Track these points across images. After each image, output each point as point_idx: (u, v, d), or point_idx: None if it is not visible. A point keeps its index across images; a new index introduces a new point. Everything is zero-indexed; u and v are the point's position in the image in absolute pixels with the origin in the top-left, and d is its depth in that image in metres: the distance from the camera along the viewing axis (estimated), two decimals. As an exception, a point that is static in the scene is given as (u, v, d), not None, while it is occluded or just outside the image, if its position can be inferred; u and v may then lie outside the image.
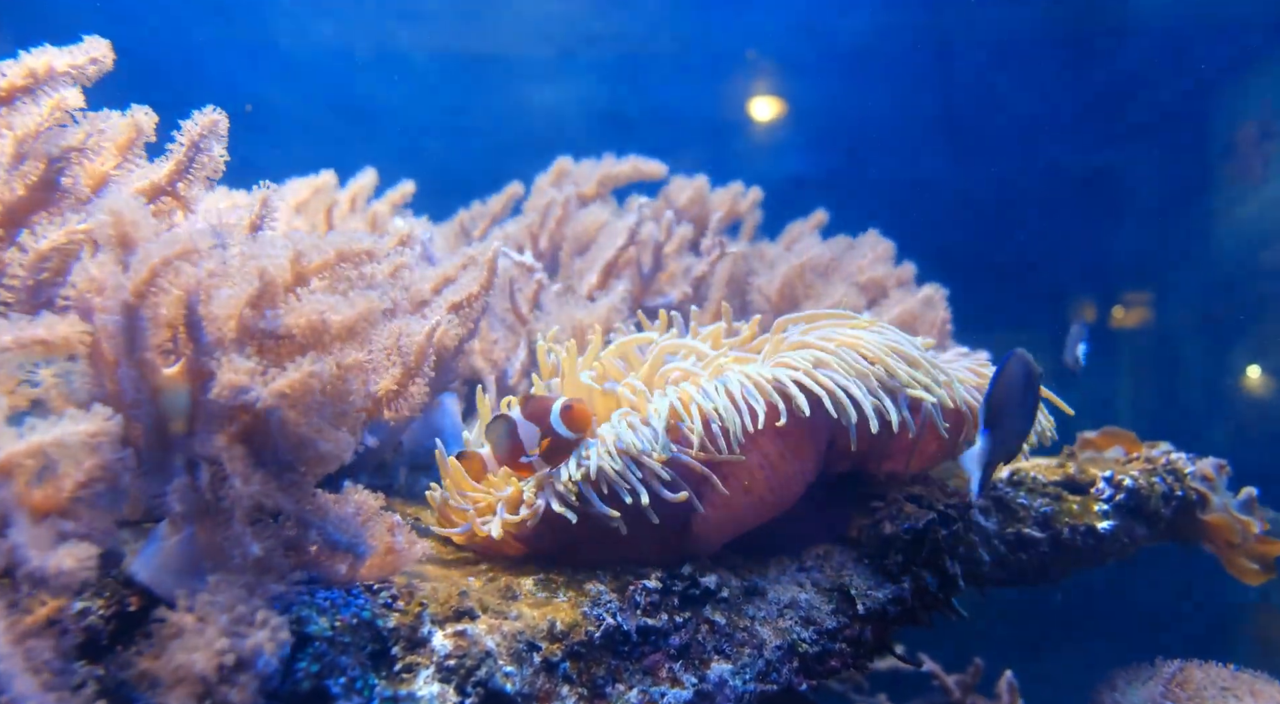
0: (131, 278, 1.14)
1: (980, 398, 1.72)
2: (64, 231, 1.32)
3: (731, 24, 5.56)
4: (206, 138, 1.51)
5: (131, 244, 1.20)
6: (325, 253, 1.27)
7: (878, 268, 3.03)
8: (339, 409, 1.22)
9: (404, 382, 1.67)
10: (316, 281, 1.26)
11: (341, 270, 1.29)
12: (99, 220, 1.20)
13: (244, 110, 5.17)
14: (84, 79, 1.41)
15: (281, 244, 1.24)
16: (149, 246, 1.16)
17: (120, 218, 1.19)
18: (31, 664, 0.94)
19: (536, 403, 1.62)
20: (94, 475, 1.06)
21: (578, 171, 3.19)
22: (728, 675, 1.49)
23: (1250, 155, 4.88)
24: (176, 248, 1.16)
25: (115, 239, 1.19)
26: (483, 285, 1.95)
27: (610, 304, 2.37)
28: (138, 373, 1.17)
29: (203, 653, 1.06)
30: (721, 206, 3.20)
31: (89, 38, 1.42)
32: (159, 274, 1.15)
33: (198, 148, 1.51)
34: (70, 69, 1.38)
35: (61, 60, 1.38)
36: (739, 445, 1.58)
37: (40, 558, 0.96)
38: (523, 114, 5.62)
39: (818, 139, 5.61)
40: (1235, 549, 2.26)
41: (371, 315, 1.23)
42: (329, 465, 1.23)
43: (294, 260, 1.23)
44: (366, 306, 1.23)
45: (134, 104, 1.50)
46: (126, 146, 1.47)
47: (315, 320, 1.20)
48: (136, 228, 1.20)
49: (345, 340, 1.22)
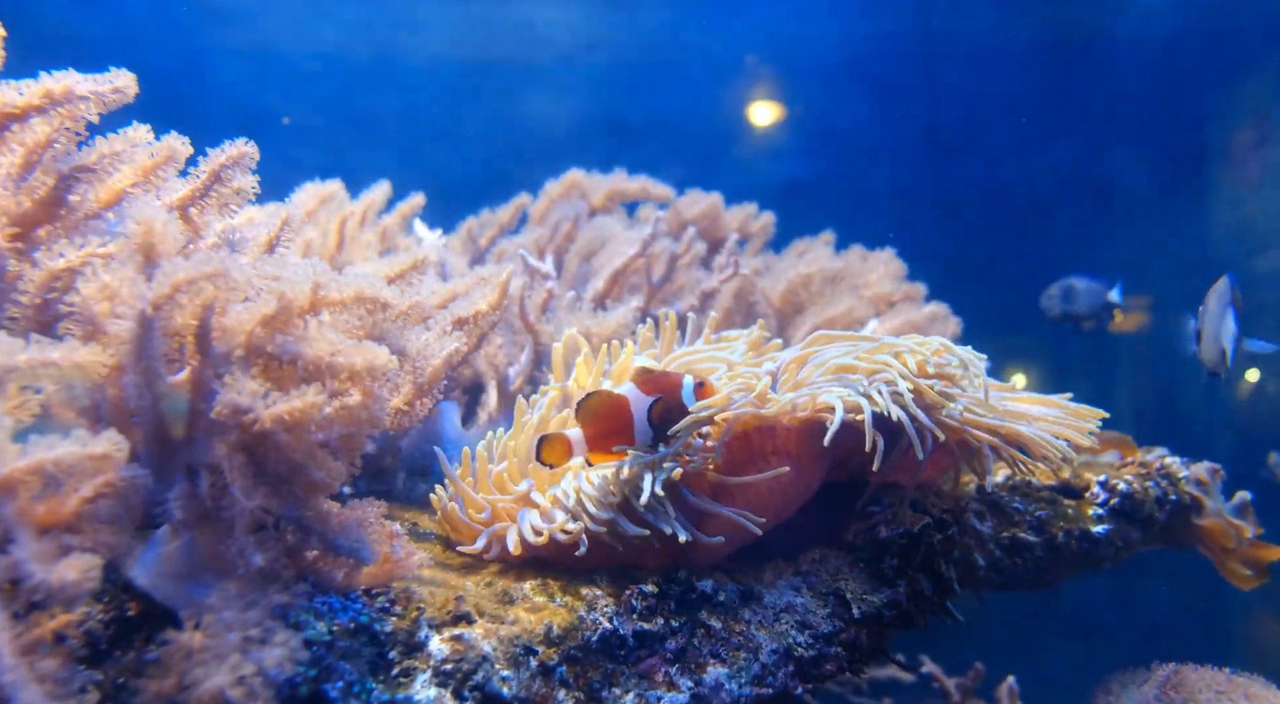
0: (154, 289, 1.15)
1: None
2: (83, 254, 1.33)
3: (727, 32, 5.60)
4: (230, 168, 1.51)
5: (155, 255, 1.21)
6: (344, 292, 1.27)
7: (885, 284, 3.05)
8: (345, 433, 1.22)
9: (414, 400, 1.68)
10: (328, 314, 1.27)
11: (355, 309, 1.29)
12: (127, 228, 1.22)
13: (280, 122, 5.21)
14: (101, 107, 1.42)
15: (305, 272, 1.24)
16: (179, 262, 1.17)
17: (150, 228, 1.21)
18: (37, 674, 0.95)
19: (659, 377, 1.50)
20: (101, 492, 1.07)
21: (588, 183, 3.21)
22: (724, 679, 1.50)
23: (1245, 160, 4.90)
24: (207, 269, 1.17)
25: (140, 248, 1.21)
26: (492, 306, 1.96)
27: (620, 317, 2.39)
28: (143, 380, 1.19)
29: (224, 676, 1.07)
30: (735, 226, 3.23)
31: (115, 69, 1.42)
32: (182, 290, 1.16)
33: (219, 177, 1.51)
34: (89, 94, 1.39)
35: (84, 86, 1.38)
36: (749, 469, 1.59)
37: (44, 572, 0.97)
38: (522, 120, 5.65)
39: (813, 145, 5.63)
40: (1229, 553, 2.27)
41: (377, 372, 1.22)
42: (320, 492, 1.24)
43: (313, 290, 1.23)
44: (375, 361, 1.23)
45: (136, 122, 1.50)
46: (152, 169, 1.47)
47: (324, 358, 1.20)
48: (163, 241, 1.22)
49: (346, 383, 1.23)
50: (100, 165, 1.45)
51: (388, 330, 1.44)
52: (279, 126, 5.25)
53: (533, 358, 2.40)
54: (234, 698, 1.06)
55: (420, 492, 2.14)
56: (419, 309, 1.68)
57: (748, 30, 5.56)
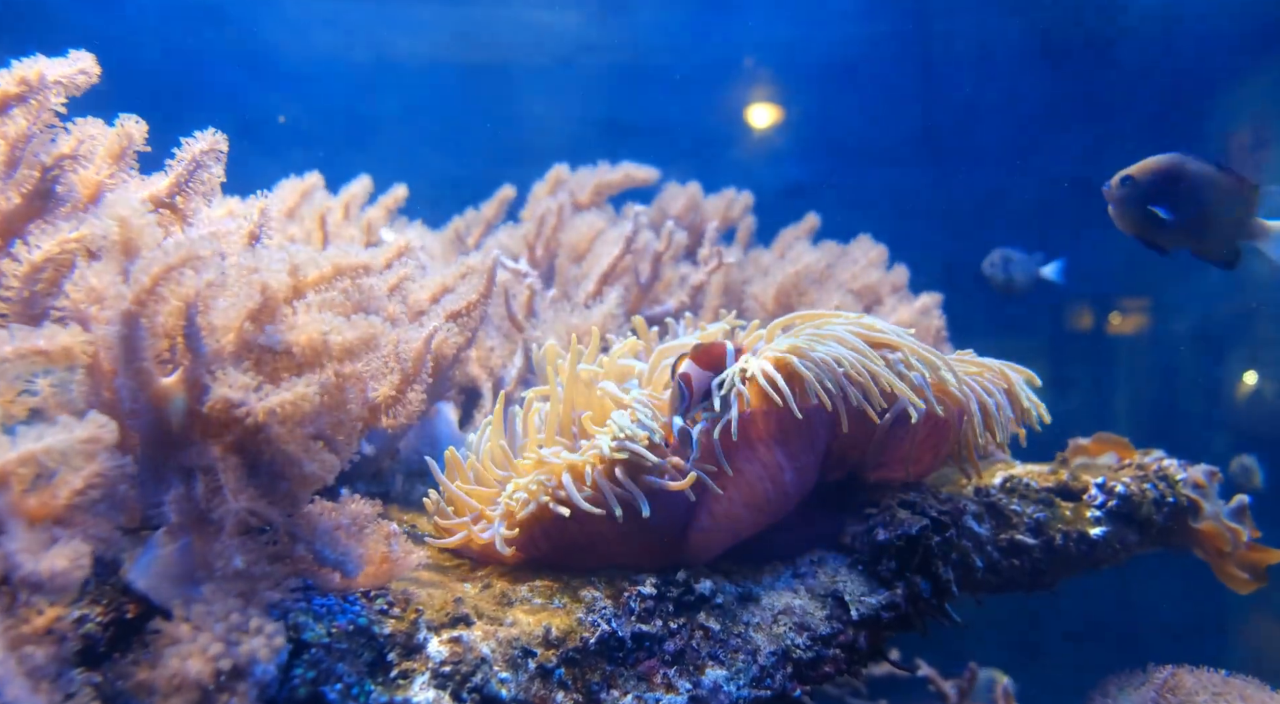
0: (133, 286, 1.14)
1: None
2: (57, 241, 1.33)
3: (725, 35, 5.60)
4: (207, 155, 1.52)
5: (135, 251, 1.20)
6: (322, 267, 1.28)
7: (871, 273, 3.06)
8: (335, 418, 1.22)
9: (402, 388, 1.68)
10: (312, 294, 1.27)
11: (339, 283, 1.30)
12: (104, 225, 1.20)
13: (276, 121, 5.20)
14: (73, 90, 1.43)
15: (280, 257, 1.24)
16: (151, 254, 1.16)
17: (126, 224, 1.19)
18: (27, 669, 0.95)
19: (709, 349, 1.63)
20: (91, 482, 1.06)
21: (573, 180, 3.22)
22: (722, 681, 1.50)
23: (1243, 162, 4.91)
24: (178, 254, 1.16)
25: (119, 245, 1.20)
26: (481, 294, 1.97)
27: (605, 311, 2.39)
28: (135, 382, 1.18)
29: (197, 660, 1.07)
30: (716, 214, 3.24)
31: (75, 52, 1.43)
32: (160, 282, 1.15)
33: (198, 164, 1.52)
34: (61, 79, 1.40)
35: (54, 70, 1.39)
36: (739, 455, 1.59)
37: (34, 562, 0.97)
38: (520, 123, 5.65)
39: (811, 148, 5.64)
40: (1226, 557, 2.27)
41: (372, 341, 1.23)
42: (312, 485, 1.24)
43: (291, 273, 1.24)
44: (369, 331, 1.23)
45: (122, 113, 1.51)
46: (119, 155, 1.48)
47: (316, 340, 1.20)
48: (141, 235, 1.20)
49: (343, 361, 1.23)
50: (79, 151, 1.45)
51: (374, 297, 1.45)
52: (275, 128, 5.25)
53: (525, 361, 2.40)
54: (206, 683, 1.06)
55: (418, 494, 2.13)
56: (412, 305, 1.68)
57: (745, 33, 5.57)
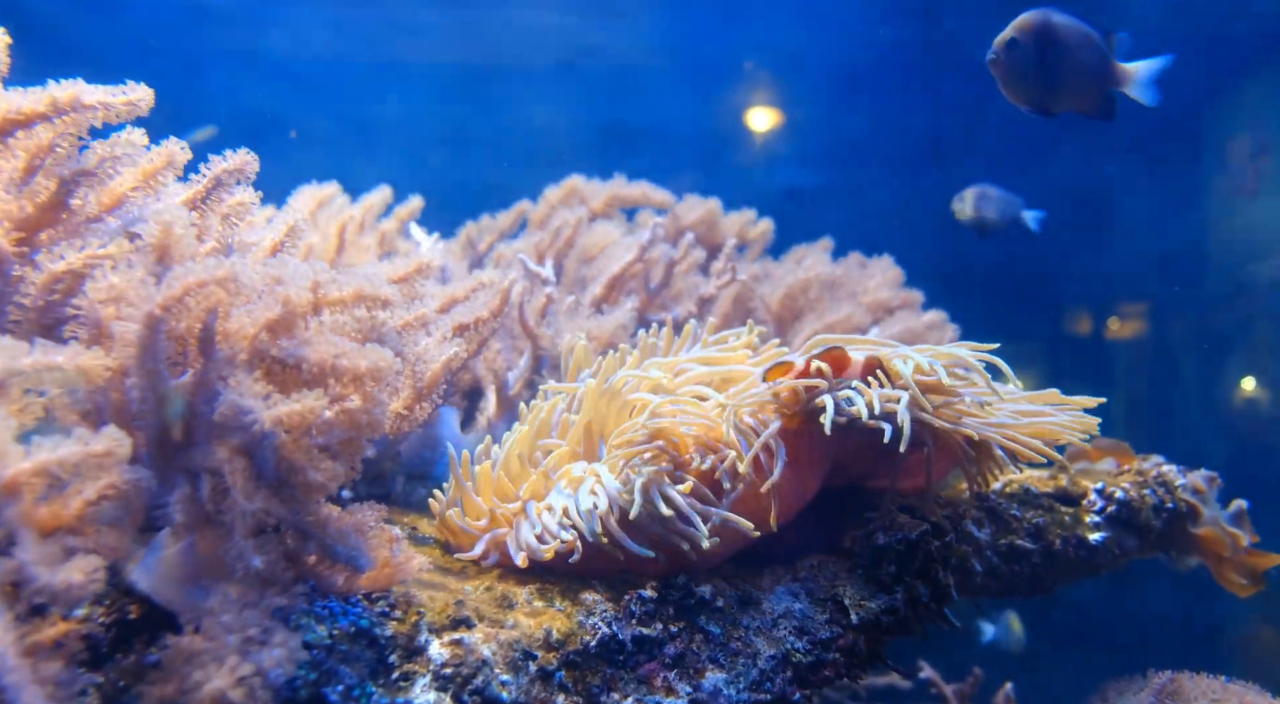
0: (164, 291, 1.15)
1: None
2: (83, 256, 1.33)
3: (727, 38, 5.62)
4: (231, 175, 1.51)
5: (169, 258, 1.21)
6: (344, 291, 1.28)
7: (884, 291, 3.07)
8: (345, 436, 1.23)
9: (413, 404, 1.69)
10: (328, 314, 1.28)
11: (356, 310, 1.30)
12: (146, 227, 1.22)
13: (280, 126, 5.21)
14: (111, 118, 1.41)
15: (305, 272, 1.25)
16: (191, 265, 1.17)
17: (169, 230, 1.22)
18: (40, 676, 0.95)
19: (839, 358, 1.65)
20: (104, 494, 1.07)
21: (587, 189, 3.22)
22: (722, 685, 1.50)
23: (1243, 169, 4.92)
24: (219, 273, 1.17)
25: (156, 248, 1.22)
26: (493, 312, 1.96)
27: (618, 318, 2.40)
28: (147, 383, 1.19)
29: (224, 678, 1.07)
30: (733, 232, 3.24)
31: (132, 83, 1.41)
32: (191, 293, 1.17)
33: (219, 182, 1.51)
34: (99, 103, 1.38)
35: (92, 96, 1.37)
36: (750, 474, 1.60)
37: (48, 575, 0.97)
38: (521, 125, 5.66)
39: (813, 152, 5.65)
40: (1225, 562, 2.27)
41: (381, 374, 1.23)
42: (318, 494, 1.24)
43: (314, 290, 1.24)
44: (379, 363, 1.23)
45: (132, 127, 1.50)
46: (152, 173, 1.48)
47: (326, 361, 1.20)
48: (180, 243, 1.22)
49: (349, 387, 1.23)
50: (100, 169, 1.45)
51: (386, 333, 1.45)
52: (279, 131, 5.27)
53: (531, 363, 2.40)
54: (235, 699, 1.06)
55: (419, 496, 2.14)
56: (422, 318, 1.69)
57: (747, 37, 5.58)
